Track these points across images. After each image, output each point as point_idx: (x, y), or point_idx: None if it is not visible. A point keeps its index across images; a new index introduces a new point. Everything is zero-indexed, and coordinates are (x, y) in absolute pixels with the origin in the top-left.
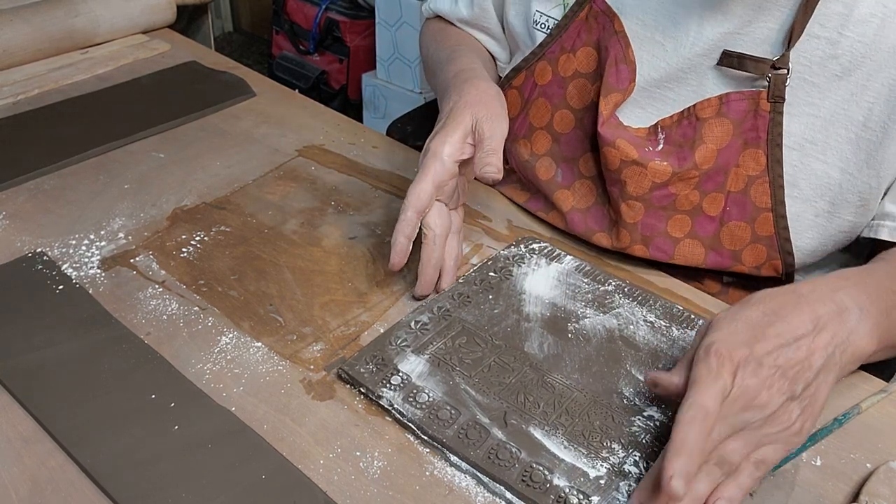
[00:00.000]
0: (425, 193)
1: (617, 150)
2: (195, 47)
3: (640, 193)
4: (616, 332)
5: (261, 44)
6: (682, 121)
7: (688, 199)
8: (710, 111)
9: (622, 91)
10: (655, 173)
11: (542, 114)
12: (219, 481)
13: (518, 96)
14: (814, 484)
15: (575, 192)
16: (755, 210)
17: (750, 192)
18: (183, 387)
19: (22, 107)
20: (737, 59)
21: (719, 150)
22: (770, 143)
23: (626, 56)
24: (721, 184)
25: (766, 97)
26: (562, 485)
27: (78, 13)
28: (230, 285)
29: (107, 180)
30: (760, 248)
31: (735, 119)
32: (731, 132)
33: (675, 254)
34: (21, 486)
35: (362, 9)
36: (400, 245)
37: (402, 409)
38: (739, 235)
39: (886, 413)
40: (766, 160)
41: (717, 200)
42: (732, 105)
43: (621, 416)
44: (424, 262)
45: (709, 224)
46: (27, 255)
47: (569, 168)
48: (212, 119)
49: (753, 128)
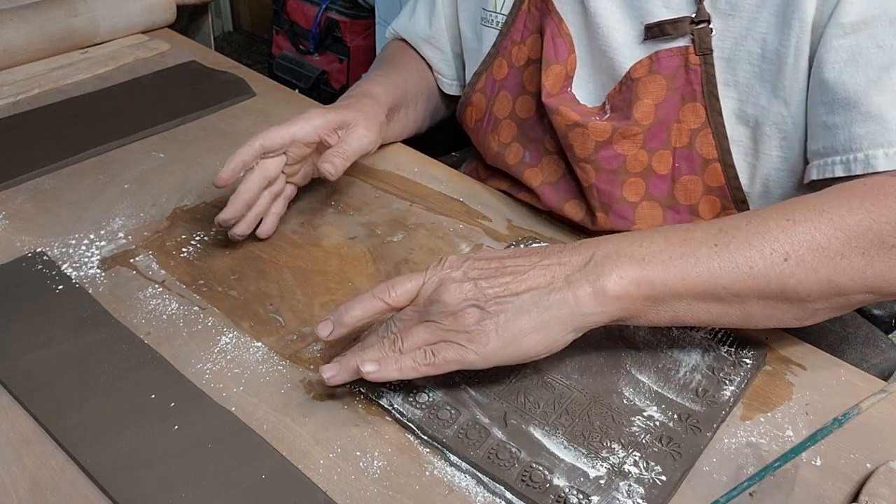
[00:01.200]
0: (279, 136)
1: (561, 115)
2: (195, 47)
3: (585, 154)
4: (616, 332)
5: (261, 44)
6: (622, 88)
7: (637, 159)
8: (643, 70)
9: (562, 63)
10: (596, 132)
11: (504, 105)
12: (219, 481)
13: (483, 97)
14: (814, 484)
15: (543, 168)
16: (703, 162)
17: (695, 146)
18: (183, 387)
19: (22, 107)
20: (657, 27)
21: (656, 104)
22: (707, 95)
23: (560, 30)
24: (665, 140)
25: (693, 51)
26: (561, 485)
27: (78, 13)
28: (230, 285)
29: (107, 180)
30: (714, 199)
31: (667, 74)
32: (664, 87)
33: (636, 218)
34: (21, 486)
35: (362, 8)
36: (233, 164)
37: (402, 409)
38: (692, 189)
39: (886, 413)
40: (706, 111)
41: (664, 158)
42: (662, 62)
43: (621, 416)
44: (239, 191)
45: (661, 183)
46: (27, 255)
47: (535, 148)
48: (212, 119)
49: (688, 82)
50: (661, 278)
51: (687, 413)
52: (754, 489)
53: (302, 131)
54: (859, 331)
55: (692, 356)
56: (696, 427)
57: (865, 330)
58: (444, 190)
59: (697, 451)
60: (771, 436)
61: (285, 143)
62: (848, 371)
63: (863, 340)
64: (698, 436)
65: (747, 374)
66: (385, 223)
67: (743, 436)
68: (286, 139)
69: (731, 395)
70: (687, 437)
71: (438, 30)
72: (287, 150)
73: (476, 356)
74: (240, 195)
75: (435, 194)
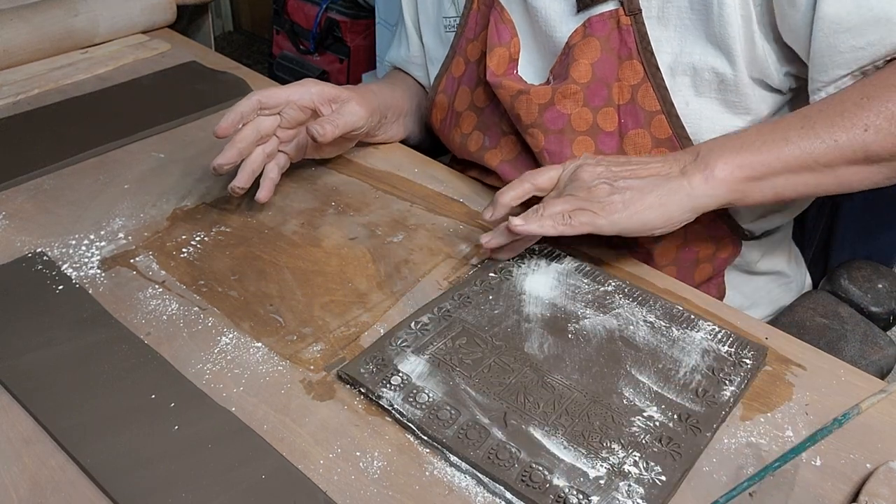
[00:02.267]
0: (276, 95)
1: (504, 88)
2: (195, 47)
3: (532, 119)
4: (616, 333)
5: (261, 44)
6: (562, 57)
7: (581, 118)
8: (578, 37)
9: (506, 45)
10: (538, 95)
11: (463, 99)
12: (219, 481)
13: (445, 98)
14: (814, 484)
15: (501, 148)
16: (647, 115)
17: (637, 100)
18: (183, 387)
19: (22, 107)
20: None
21: (592, 63)
22: (643, 52)
23: (502, 17)
24: (607, 98)
25: (623, 13)
26: (561, 485)
27: (78, 13)
28: (230, 285)
29: (107, 180)
30: (664, 151)
31: (601, 36)
32: (599, 47)
33: None
34: (21, 486)
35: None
36: (232, 115)
37: (402, 410)
38: (641, 143)
39: (886, 413)
40: (643, 67)
41: (609, 115)
42: (595, 27)
43: (621, 416)
44: (233, 139)
45: (610, 140)
46: (27, 255)
47: (493, 132)
48: (212, 119)
49: (622, 42)
50: (759, 160)
51: (687, 413)
52: (754, 489)
53: (297, 94)
54: (857, 328)
55: (692, 356)
56: (696, 427)
57: (864, 327)
58: (444, 190)
59: (697, 451)
60: (771, 436)
61: (280, 103)
62: (848, 371)
63: (861, 338)
64: (698, 436)
65: (747, 374)
66: (385, 224)
67: (743, 436)
68: (282, 99)
69: (731, 395)
70: (687, 437)
71: (416, 50)
72: (283, 111)
73: (605, 221)
74: (234, 143)
75: (435, 195)
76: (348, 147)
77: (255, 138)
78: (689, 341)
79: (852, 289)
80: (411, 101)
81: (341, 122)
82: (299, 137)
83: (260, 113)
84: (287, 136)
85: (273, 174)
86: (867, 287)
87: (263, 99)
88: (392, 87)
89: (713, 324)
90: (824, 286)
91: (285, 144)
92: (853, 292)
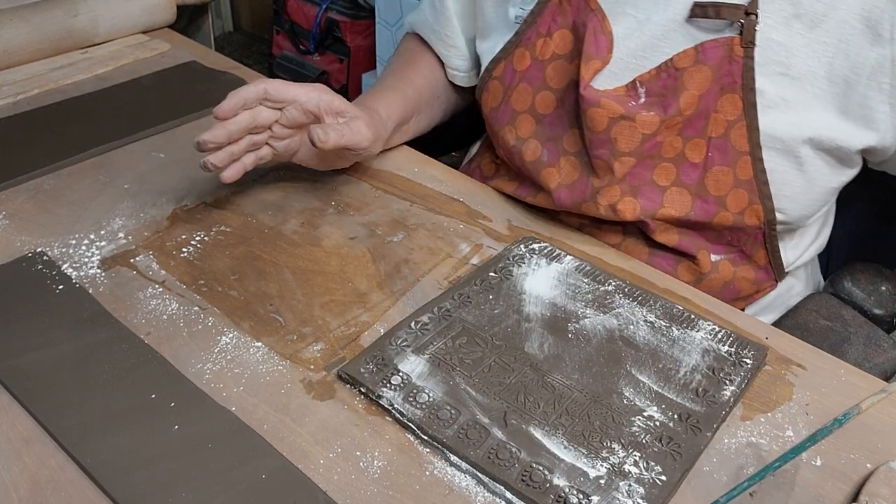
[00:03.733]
0: (284, 90)
1: (602, 108)
2: (195, 47)
3: (631, 148)
4: (616, 333)
5: (261, 44)
6: (661, 73)
7: (671, 145)
8: (688, 61)
9: (601, 59)
10: (644, 124)
11: (523, 98)
12: (219, 481)
13: (499, 85)
14: (814, 484)
15: (560, 168)
16: (735, 154)
17: (730, 137)
18: (183, 387)
19: (22, 107)
20: (710, 7)
21: (700, 95)
22: (744, 88)
23: (603, 27)
24: (701, 129)
25: (739, 42)
26: (561, 484)
27: (78, 13)
28: (230, 285)
29: (107, 180)
30: (742, 192)
31: (713, 65)
32: (710, 77)
33: (664, 201)
34: (21, 486)
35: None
36: (236, 98)
37: (403, 409)
38: (723, 180)
39: (886, 413)
40: (742, 104)
41: (699, 147)
42: (708, 52)
43: (621, 416)
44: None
45: (693, 171)
46: (27, 255)
47: (553, 147)
48: (212, 119)
49: (729, 73)
50: None
51: (687, 413)
52: (754, 489)
53: (305, 96)
54: (861, 331)
55: (692, 356)
56: (696, 427)
57: (867, 330)
58: (444, 190)
59: (697, 451)
60: (771, 436)
61: (286, 99)
62: (848, 371)
63: (864, 340)
64: (698, 436)
65: (747, 374)
66: (385, 223)
67: (743, 436)
68: (289, 96)
69: (731, 395)
70: (687, 437)
71: (450, 25)
72: (285, 109)
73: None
74: (225, 124)
75: (435, 194)
76: (339, 165)
77: (249, 126)
78: (689, 341)
79: (855, 291)
80: (433, 90)
81: (347, 135)
82: (291, 140)
83: (262, 103)
84: (281, 133)
85: (248, 161)
86: (870, 289)
87: (271, 90)
88: (403, 95)
89: (713, 323)
90: (827, 288)
91: (276, 140)
92: (856, 294)
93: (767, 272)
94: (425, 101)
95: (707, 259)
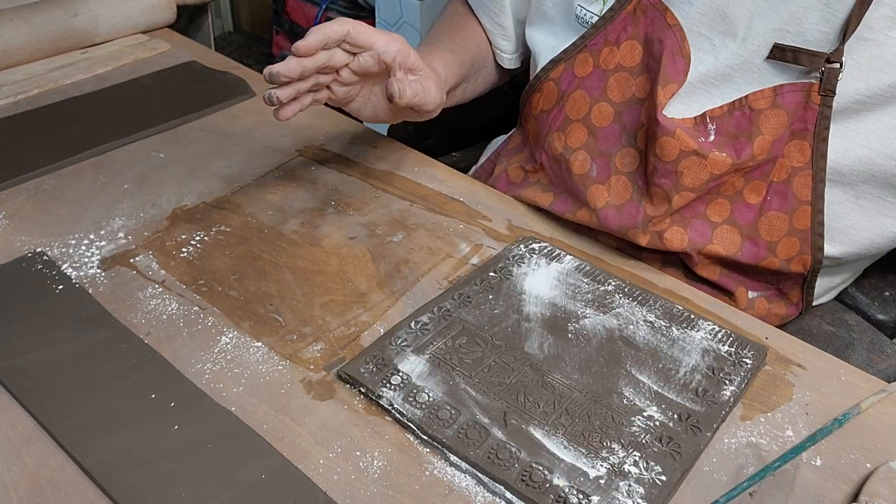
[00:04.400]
0: (365, 36)
1: (676, 139)
2: (195, 47)
3: (697, 185)
4: (616, 332)
5: (261, 44)
6: (734, 112)
7: (732, 184)
8: (765, 102)
9: (678, 82)
10: (715, 165)
11: (579, 106)
12: (219, 481)
13: (555, 88)
14: (814, 484)
15: (610, 187)
16: (796, 202)
17: (792, 184)
18: (183, 387)
19: (22, 107)
20: (791, 52)
21: (774, 140)
22: (816, 137)
23: (681, 49)
24: (766, 173)
25: (817, 90)
26: (561, 484)
27: (78, 13)
28: (230, 285)
29: (107, 180)
30: (794, 241)
31: (789, 110)
32: (785, 123)
33: (714, 238)
34: (21, 486)
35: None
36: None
37: (402, 409)
38: (777, 226)
39: (886, 413)
40: (812, 152)
41: (758, 189)
42: (787, 97)
43: (621, 416)
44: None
45: (748, 212)
46: (27, 255)
47: (604, 163)
48: (212, 119)
49: (802, 119)
50: None
51: (687, 413)
52: (754, 489)
53: (385, 45)
54: (864, 336)
55: (692, 356)
56: (696, 427)
57: (871, 335)
58: (444, 190)
59: (697, 451)
60: (771, 436)
61: (365, 45)
62: (848, 371)
63: (868, 346)
64: (698, 436)
65: (747, 374)
66: (385, 223)
67: (743, 436)
68: (368, 42)
69: (731, 395)
70: (687, 437)
71: (499, 3)
72: (360, 55)
73: None
74: (303, 61)
75: (435, 194)
76: (386, 121)
77: (322, 66)
78: (689, 341)
79: (859, 296)
80: (482, 60)
81: (420, 94)
82: (354, 87)
83: (341, 45)
84: (348, 79)
85: (306, 101)
86: (874, 294)
87: (353, 33)
88: (458, 58)
89: (713, 323)
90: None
91: (338, 85)
92: (860, 299)
93: (798, 307)
94: (474, 70)
95: (745, 296)
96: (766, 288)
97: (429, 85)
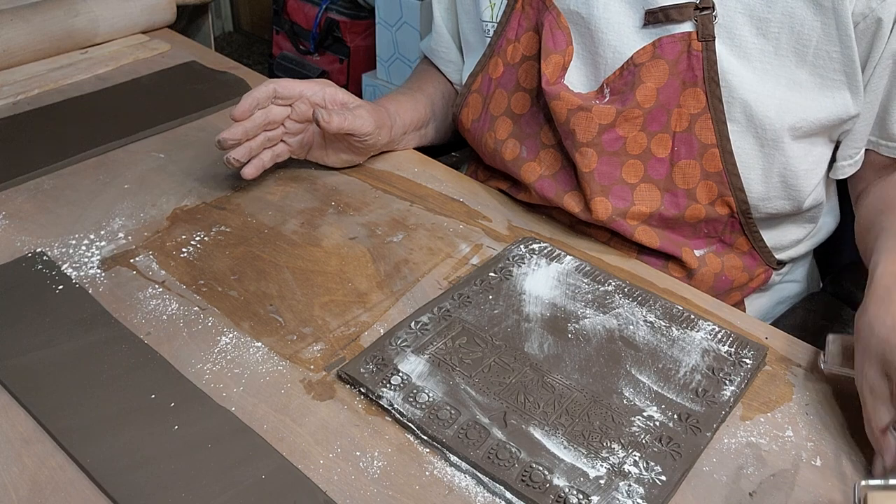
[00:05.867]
0: (291, 87)
1: (562, 101)
2: (195, 47)
3: (589, 139)
4: (616, 333)
5: (261, 44)
6: (623, 73)
7: (636, 142)
8: (646, 56)
9: (561, 52)
10: (601, 115)
11: (500, 102)
12: (219, 481)
13: (478, 97)
14: (814, 484)
15: (541, 161)
16: (702, 147)
17: (694, 130)
18: (183, 387)
19: (22, 107)
20: (661, 12)
21: (658, 88)
22: (707, 81)
23: (559, 23)
24: (665, 124)
25: (696, 37)
26: (561, 484)
27: (78, 13)
28: (230, 285)
29: (107, 180)
30: (711, 184)
31: (670, 59)
32: (667, 71)
33: (635, 198)
34: (21, 486)
35: (362, 9)
36: (249, 100)
37: (402, 409)
38: (690, 173)
39: None
40: (706, 97)
41: (664, 141)
42: (665, 48)
43: (621, 416)
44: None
45: (660, 166)
46: (27, 255)
47: (532, 143)
48: (212, 119)
49: (689, 68)
50: None
51: (687, 413)
52: (754, 489)
53: (311, 90)
54: None
55: (692, 356)
56: (696, 427)
57: None
58: (444, 190)
59: (697, 451)
60: (771, 436)
61: (294, 96)
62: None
63: None
64: (698, 436)
65: (747, 374)
66: (385, 223)
67: (743, 436)
68: (296, 92)
69: (731, 395)
70: (687, 437)
71: (444, 43)
72: (294, 104)
73: None
74: (242, 123)
75: (435, 194)
76: (354, 161)
77: (264, 123)
78: (689, 341)
79: (855, 291)
80: (445, 102)
81: (350, 119)
82: (304, 134)
83: (273, 102)
84: (294, 128)
85: (266, 158)
86: None
87: (279, 88)
88: (414, 98)
89: (713, 323)
90: (827, 288)
91: (290, 136)
92: (856, 295)
93: (753, 257)
94: (439, 109)
95: (691, 255)
96: (708, 242)
97: (360, 113)
